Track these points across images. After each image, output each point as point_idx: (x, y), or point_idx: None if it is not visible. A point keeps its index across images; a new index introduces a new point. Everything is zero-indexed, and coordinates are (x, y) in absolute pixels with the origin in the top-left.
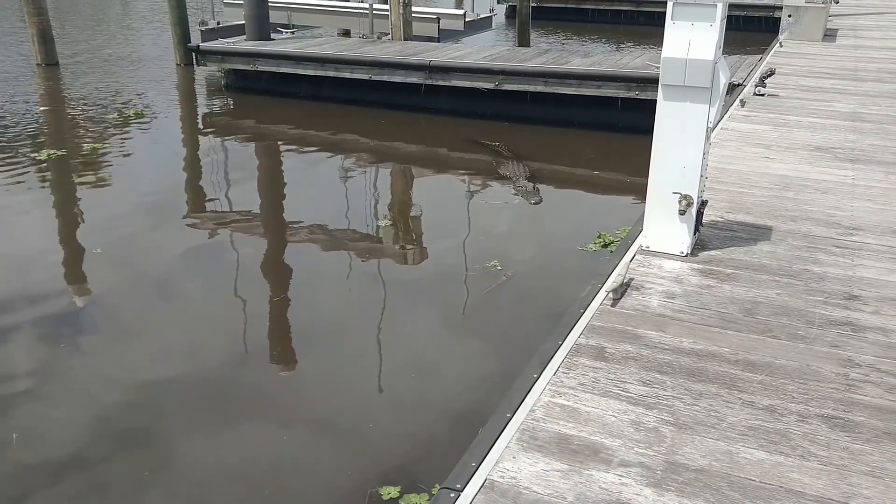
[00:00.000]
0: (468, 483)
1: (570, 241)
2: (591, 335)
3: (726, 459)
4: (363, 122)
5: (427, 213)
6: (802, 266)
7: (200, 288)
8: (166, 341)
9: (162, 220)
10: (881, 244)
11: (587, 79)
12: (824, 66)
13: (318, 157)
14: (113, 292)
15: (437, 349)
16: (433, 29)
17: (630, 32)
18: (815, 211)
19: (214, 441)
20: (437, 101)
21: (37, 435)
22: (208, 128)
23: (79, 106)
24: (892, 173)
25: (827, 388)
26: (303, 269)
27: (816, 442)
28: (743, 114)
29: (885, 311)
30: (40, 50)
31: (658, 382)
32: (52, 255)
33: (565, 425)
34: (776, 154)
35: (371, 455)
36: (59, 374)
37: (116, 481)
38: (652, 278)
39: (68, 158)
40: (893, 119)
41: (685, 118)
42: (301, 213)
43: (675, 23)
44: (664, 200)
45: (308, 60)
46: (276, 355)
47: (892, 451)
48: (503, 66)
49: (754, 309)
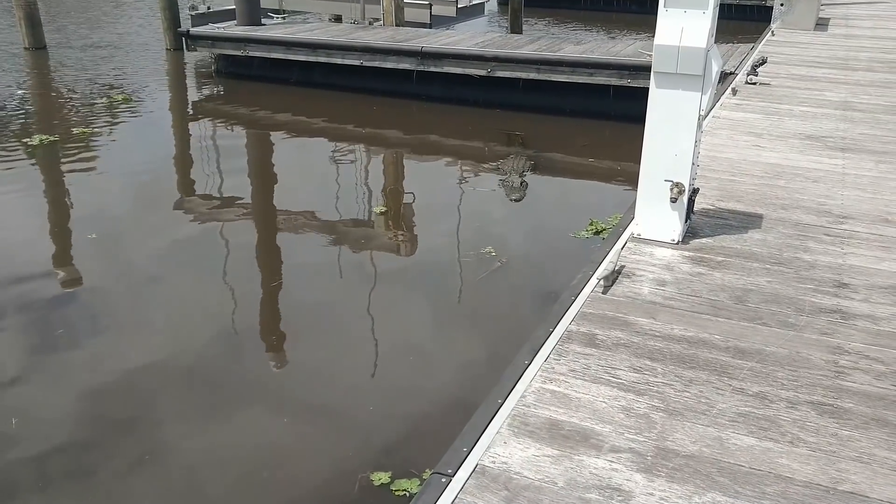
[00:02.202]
0: (459, 468)
1: (563, 227)
2: (583, 322)
3: (716, 445)
4: (355, 109)
5: (420, 200)
6: (793, 254)
7: (193, 273)
8: (158, 327)
9: (153, 206)
10: (871, 232)
11: (579, 66)
12: (816, 55)
13: (308, 144)
14: (106, 277)
15: (431, 335)
16: (425, 15)
17: (622, 20)
18: (806, 199)
19: (206, 426)
20: (429, 88)
21: (30, 420)
22: (198, 113)
23: (66, 91)
24: (882, 162)
25: (816, 375)
26: (295, 256)
27: (805, 428)
28: (734, 102)
29: (874, 298)
30: (28, 34)
31: (649, 369)
32: (46, 239)
33: (556, 411)
34: (767, 142)
35: (362, 440)
36: (56, 358)
37: (109, 465)
38: (643, 266)
39: (60, 144)
40: (884, 108)
41: (677, 106)
42: (292, 200)
43: (668, 10)
44: (656, 188)
45: (299, 46)
46: (268, 341)
47: (880, 437)
48: (496, 52)
49: (745, 296)
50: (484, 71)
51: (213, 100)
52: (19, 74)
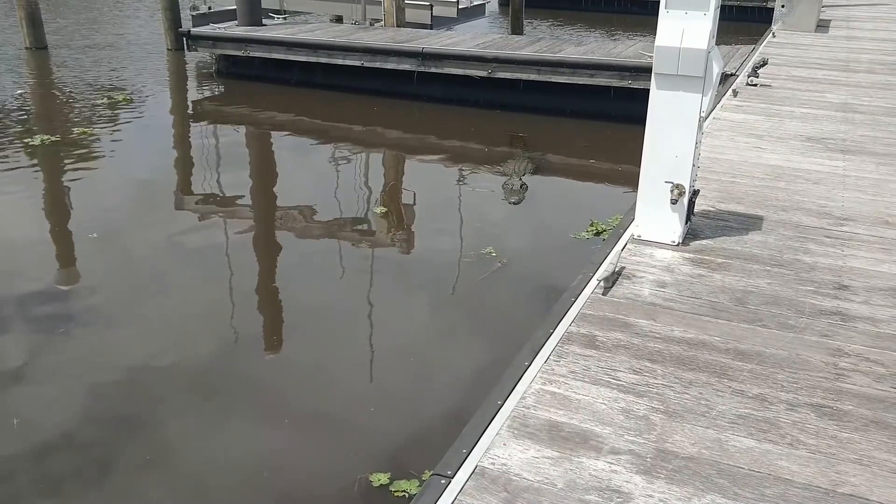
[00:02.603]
0: (459, 469)
1: (563, 228)
2: (583, 323)
3: (716, 447)
4: (355, 109)
5: (420, 201)
6: (793, 256)
7: (194, 273)
8: (158, 327)
9: (153, 206)
10: (871, 234)
11: (580, 67)
12: (817, 56)
13: (309, 144)
14: (108, 276)
15: (431, 336)
16: (426, 16)
17: (623, 21)
18: (806, 201)
19: (205, 426)
20: (429, 89)
21: (32, 420)
22: (199, 114)
23: (68, 91)
24: (882, 164)
25: (816, 377)
26: (296, 256)
27: (805, 430)
28: (735, 104)
29: (874, 300)
30: (29, 34)
31: (648, 371)
32: (48, 239)
33: (556, 413)
34: (768, 144)
35: (362, 441)
36: (56, 357)
37: (112, 465)
38: (643, 267)
39: (61, 144)
40: (885, 110)
41: (678, 107)
42: (293, 200)
43: (669, 11)
44: (656, 189)
45: (300, 46)
46: (268, 341)
47: (880, 439)
48: (496, 53)
49: (745, 298)
50: (484, 72)
51: (213, 100)
52: (20, 75)
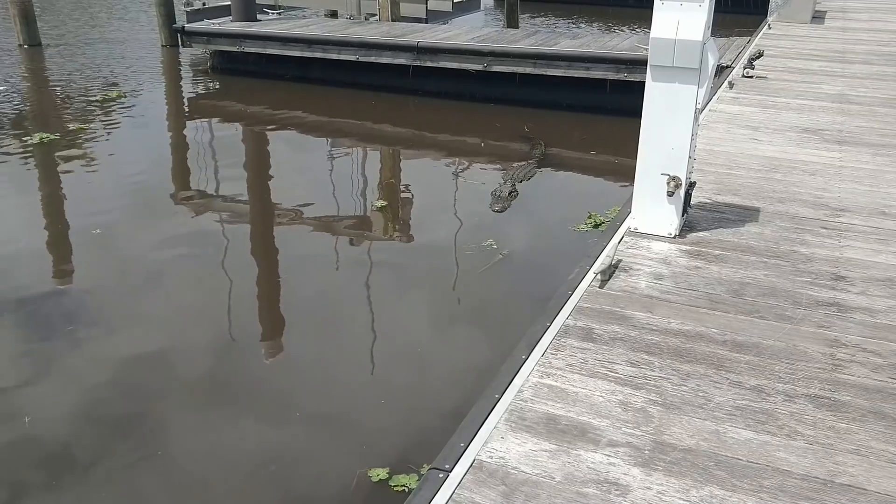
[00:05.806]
0: (457, 463)
1: (562, 221)
2: (580, 316)
3: (714, 439)
4: (351, 104)
5: (419, 194)
6: (790, 247)
7: (193, 269)
8: (156, 325)
9: (150, 203)
10: (868, 225)
11: (576, 60)
12: (812, 48)
13: (305, 139)
14: (111, 274)
15: (431, 329)
16: (421, 10)
17: (619, 14)
18: (803, 192)
19: (206, 422)
20: (425, 83)
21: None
22: (194, 110)
23: (62, 88)
24: (879, 155)
25: (813, 368)
26: (294, 252)
27: (803, 421)
28: (731, 96)
29: (871, 291)
30: (22, 31)
31: (646, 363)
32: (49, 236)
33: (553, 406)
34: (764, 136)
35: (361, 436)
36: (61, 355)
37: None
38: (640, 259)
39: (59, 141)
40: (881, 101)
41: (674, 99)
42: (290, 195)
43: (664, 3)
44: (652, 182)
45: (295, 42)
46: (267, 337)
47: (877, 429)
48: (492, 47)
49: (742, 290)
50: (480, 66)
51: (208, 96)
52: (13, 70)
